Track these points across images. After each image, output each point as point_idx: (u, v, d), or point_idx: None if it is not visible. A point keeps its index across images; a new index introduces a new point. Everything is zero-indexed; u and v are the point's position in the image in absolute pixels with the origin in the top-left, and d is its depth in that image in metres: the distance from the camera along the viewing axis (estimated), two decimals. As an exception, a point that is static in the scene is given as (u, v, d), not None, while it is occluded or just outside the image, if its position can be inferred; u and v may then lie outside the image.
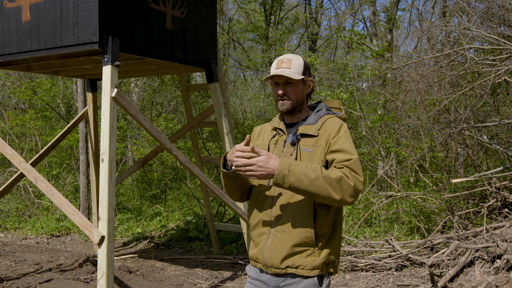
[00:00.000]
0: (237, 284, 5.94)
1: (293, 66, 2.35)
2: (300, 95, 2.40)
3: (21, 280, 6.06)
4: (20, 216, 10.08)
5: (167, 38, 5.34)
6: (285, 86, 2.37)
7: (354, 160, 2.21)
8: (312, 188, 2.12)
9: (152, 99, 12.98)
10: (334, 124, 2.34)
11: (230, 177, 2.35)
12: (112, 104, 4.60)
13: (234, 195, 2.48)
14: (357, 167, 2.20)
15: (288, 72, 2.33)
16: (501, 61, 5.98)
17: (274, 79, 2.40)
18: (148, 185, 11.55)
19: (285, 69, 2.34)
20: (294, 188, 2.15)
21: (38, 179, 5.13)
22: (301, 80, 2.38)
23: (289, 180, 2.13)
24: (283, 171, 2.13)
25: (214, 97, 6.15)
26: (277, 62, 2.38)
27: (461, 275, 5.01)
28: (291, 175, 2.13)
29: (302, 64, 2.39)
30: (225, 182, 2.41)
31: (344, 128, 2.33)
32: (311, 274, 2.27)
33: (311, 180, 2.11)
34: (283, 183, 2.14)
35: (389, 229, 7.34)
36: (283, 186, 2.15)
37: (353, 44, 10.17)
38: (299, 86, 2.38)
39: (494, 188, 6.20)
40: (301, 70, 2.37)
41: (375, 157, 9.67)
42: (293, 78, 2.34)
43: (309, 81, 2.43)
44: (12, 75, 14.29)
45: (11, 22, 5.13)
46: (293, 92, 2.37)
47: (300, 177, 2.12)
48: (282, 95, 2.37)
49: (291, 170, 2.13)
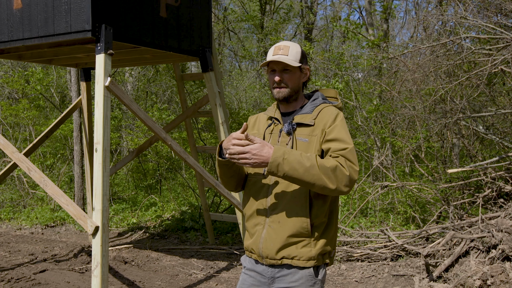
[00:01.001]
0: (232, 274, 5.93)
1: (291, 53, 2.32)
2: (296, 83, 2.36)
3: (15, 271, 6.03)
4: (14, 207, 10.03)
5: (161, 27, 5.27)
6: (282, 73, 2.33)
7: (350, 149, 2.18)
8: (307, 177, 2.09)
9: (146, 89, 12.89)
10: (330, 113, 2.31)
11: (225, 165, 2.31)
12: (106, 93, 4.54)
13: (229, 184, 2.44)
14: (353, 157, 2.17)
15: (286, 58, 2.29)
16: (498, 50, 5.94)
17: (270, 66, 2.35)
18: (143, 175, 11.51)
19: (282, 55, 2.30)
20: (289, 177, 2.12)
21: (32, 169, 5.08)
22: (298, 67, 2.34)
23: (284, 168, 2.10)
24: (277, 159, 2.10)
25: (209, 86, 6.10)
26: (274, 49, 2.34)
27: (456, 265, 5.02)
28: (285, 164, 2.09)
29: (300, 51, 2.35)
30: (220, 171, 2.37)
31: (340, 117, 2.30)
32: (307, 265, 2.24)
33: (305, 169, 2.08)
34: (277, 171, 2.11)
35: (385, 219, 7.34)
36: (278, 174, 2.12)
37: (348, 33, 10.10)
38: (296, 73, 2.35)
39: (489, 178, 6.20)
40: (298, 58, 2.34)
41: (371, 147, 9.66)
42: (291, 65, 2.30)
43: (305, 69, 2.39)
44: (5, 64, 14.14)
45: (2, 9, 5.04)
46: (290, 79, 2.33)
47: (294, 165, 2.09)
48: (279, 81, 2.32)
49: (285, 159, 2.10)
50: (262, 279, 2.35)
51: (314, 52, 9.88)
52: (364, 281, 5.44)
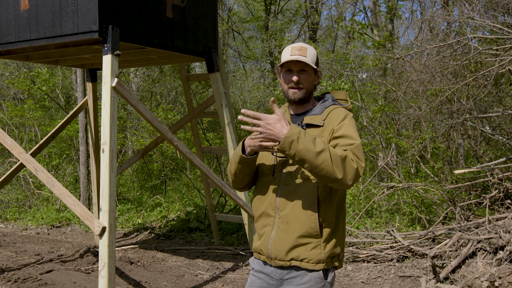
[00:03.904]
0: (238, 275, 5.93)
1: (309, 54, 2.32)
2: (311, 85, 2.37)
3: (22, 271, 6.05)
4: (20, 207, 10.06)
5: (168, 27, 5.28)
6: (299, 74, 2.32)
7: (357, 145, 2.17)
8: (317, 161, 2.03)
9: (151, 89, 12.91)
10: (339, 114, 2.31)
11: (246, 163, 2.29)
12: (113, 94, 4.55)
13: (240, 182, 2.42)
14: (360, 152, 2.16)
15: (305, 59, 2.29)
16: (505, 51, 5.91)
17: (287, 65, 2.34)
18: (148, 176, 11.52)
19: (301, 56, 2.30)
20: (299, 158, 2.05)
21: (39, 169, 5.09)
22: (314, 70, 2.35)
23: (297, 147, 2.03)
24: (292, 136, 2.04)
25: (215, 87, 6.10)
26: (292, 49, 2.33)
27: (463, 266, 5.00)
28: (300, 142, 2.04)
29: (316, 54, 2.37)
30: (236, 167, 2.35)
31: (349, 117, 2.30)
32: (316, 267, 2.23)
33: (317, 152, 2.03)
34: (289, 149, 2.04)
35: (390, 220, 7.32)
36: (289, 153, 2.05)
37: (354, 33, 10.08)
38: (312, 75, 2.35)
39: (496, 179, 6.17)
40: (315, 60, 2.35)
41: (376, 148, 9.64)
42: (309, 66, 2.31)
43: (319, 72, 2.41)
44: (10, 65, 14.19)
45: (9, 10, 5.06)
46: (306, 80, 2.33)
47: (308, 146, 2.03)
48: (297, 82, 2.31)
49: (300, 137, 2.04)
50: (271, 281, 2.34)
51: (319, 53, 9.85)
52: (370, 282, 5.42)
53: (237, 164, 2.33)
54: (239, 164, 2.32)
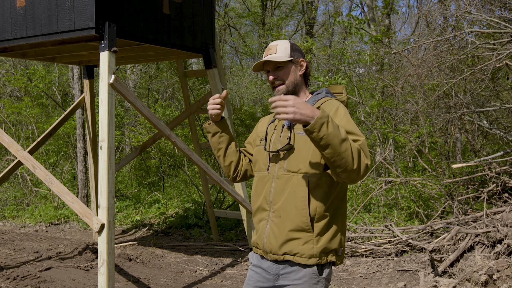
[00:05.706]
0: (237, 271, 5.94)
1: (279, 50, 2.36)
2: (293, 77, 2.38)
3: (21, 269, 6.05)
4: (18, 205, 10.05)
5: (165, 24, 5.26)
6: (275, 71, 2.37)
7: (362, 142, 2.15)
8: (341, 148, 2.00)
9: (148, 86, 12.88)
10: (331, 106, 2.30)
11: (210, 133, 2.49)
12: (110, 90, 4.54)
13: (227, 169, 2.56)
14: (367, 150, 2.15)
15: (273, 56, 2.34)
16: (502, 45, 5.92)
17: (265, 68, 2.42)
18: (146, 173, 11.52)
19: (271, 55, 2.36)
20: (325, 142, 2.00)
21: (37, 167, 5.08)
22: (290, 61, 2.37)
23: (327, 130, 1.98)
24: (323, 118, 1.98)
25: (213, 83, 6.09)
26: (265, 52, 2.41)
27: (462, 260, 5.02)
28: (329, 126, 1.99)
29: (288, 46, 2.39)
30: (213, 146, 2.53)
31: (341, 109, 2.27)
32: (309, 262, 2.23)
33: (343, 139, 2.01)
34: (319, 130, 1.98)
35: (388, 215, 7.34)
36: (317, 135, 1.99)
37: (351, 29, 10.06)
38: (289, 67, 2.37)
39: (494, 173, 6.19)
40: (288, 53, 2.37)
41: (374, 143, 9.65)
42: (280, 61, 2.34)
43: (299, 61, 2.40)
44: (6, 62, 14.13)
45: (5, 7, 5.03)
46: (284, 74, 2.37)
47: (336, 131, 2.00)
48: (273, 80, 2.38)
49: (330, 122, 2.00)
50: (268, 276, 2.36)
51: (316, 48, 9.85)
52: (369, 276, 5.44)
53: (210, 141, 2.53)
54: (211, 138, 2.51)
